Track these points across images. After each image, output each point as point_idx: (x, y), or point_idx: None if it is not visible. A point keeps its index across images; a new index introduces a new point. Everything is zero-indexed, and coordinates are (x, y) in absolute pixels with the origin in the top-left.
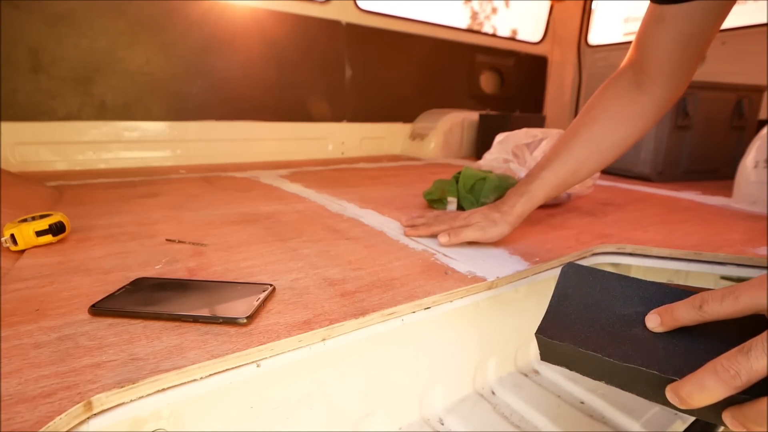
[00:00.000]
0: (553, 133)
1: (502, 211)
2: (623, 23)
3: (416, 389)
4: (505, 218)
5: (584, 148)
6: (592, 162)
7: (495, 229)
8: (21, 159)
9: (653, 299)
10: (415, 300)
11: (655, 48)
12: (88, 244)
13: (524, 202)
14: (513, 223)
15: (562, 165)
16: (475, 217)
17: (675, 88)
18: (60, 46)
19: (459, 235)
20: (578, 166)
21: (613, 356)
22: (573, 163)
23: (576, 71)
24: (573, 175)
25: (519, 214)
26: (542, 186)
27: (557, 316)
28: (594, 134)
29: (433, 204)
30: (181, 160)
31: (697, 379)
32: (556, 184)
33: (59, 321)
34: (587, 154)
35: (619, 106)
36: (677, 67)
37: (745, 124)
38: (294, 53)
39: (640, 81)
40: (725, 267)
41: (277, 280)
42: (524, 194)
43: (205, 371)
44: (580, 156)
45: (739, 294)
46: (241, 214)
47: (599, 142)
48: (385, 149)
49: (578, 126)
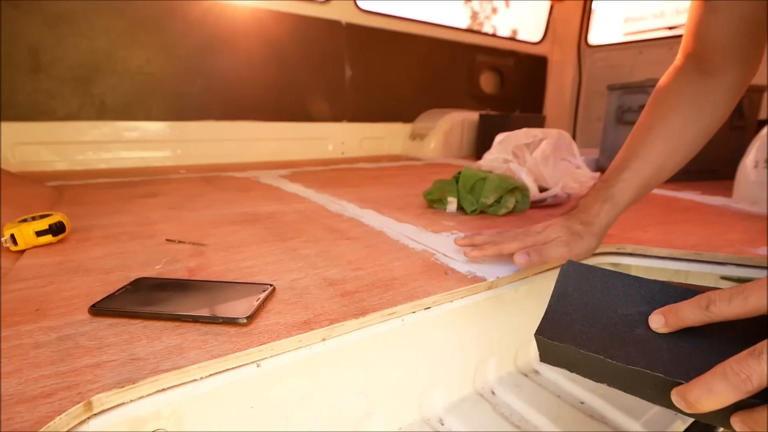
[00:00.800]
0: (553, 133)
1: (585, 221)
2: (623, 23)
3: (416, 389)
4: (591, 230)
5: (667, 141)
6: (678, 156)
7: (582, 243)
8: (21, 159)
9: (656, 298)
10: (415, 300)
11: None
12: (88, 244)
13: (609, 209)
14: (599, 235)
15: (644, 162)
16: (554, 231)
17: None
18: (60, 46)
19: (542, 253)
20: (663, 161)
21: (616, 358)
22: (657, 158)
23: (576, 71)
24: (659, 172)
25: (605, 224)
26: (626, 188)
27: (557, 316)
28: (675, 126)
29: (433, 204)
30: (181, 160)
31: (706, 383)
32: (641, 185)
33: (59, 321)
34: (671, 147)
35: (694, 95)
36: (745, 51)
37: (745, 124)
38: (294, 53)
39: (707, 68)
40: (725, 267)
41: (277, 280)
42: (608, 200)
43: (205, 371)
44: (663, 150)
45: (748, 294)
46: (241, 214)
47: (682, 132)
48: (385, 149)
49: (651, 120)
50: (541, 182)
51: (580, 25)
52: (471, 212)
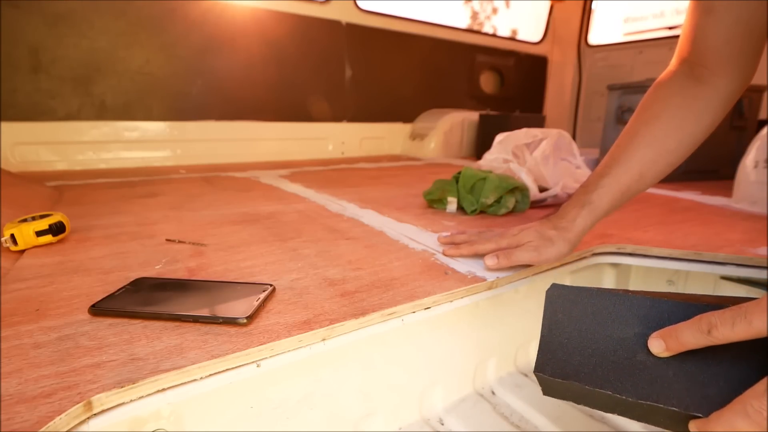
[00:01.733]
0: (553, 133)
1: (560, 227)
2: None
3: (416, 389)
4: (564, 235)
5: (648, 148)
6: (660, 164)
7: (552, 249)
8: (21, 159)
9: (650, 317)
10: (415, 300)
11: (710, 40)
12: (88, 244)
13: (586, 215)
14: (573, 241)
15: (625, 169)
16: (527, 235)
17: (741, 77)
18: (60, 46)
19: (510, 257)
20: (644, 169)
21: (625, 392)
22: (637, 166)
23: (576, 71)
24: (639, 180)
25: (581, 230)
26: (605, 195)
27: (553, 348)
28: (658, 133)
29: (433, 204)
30: (181, 160)
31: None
32: (621, 191)
33: (59, 321)
34: (653, 155)
35: (681, 101)
36: (738, 55)
37: (745, 124)
38: (294, 53)
39: (699, 74)
40: (725, 267)
41: (277, 280)
42: (585, 206)
43: (205, 371)
44: (644, 157)
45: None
46: (241, 214)
47: (664, 141)
48: (385, 149)
49: (636, 126)
50: (541, 182)
51: (580, 25)
52: (471, 212)
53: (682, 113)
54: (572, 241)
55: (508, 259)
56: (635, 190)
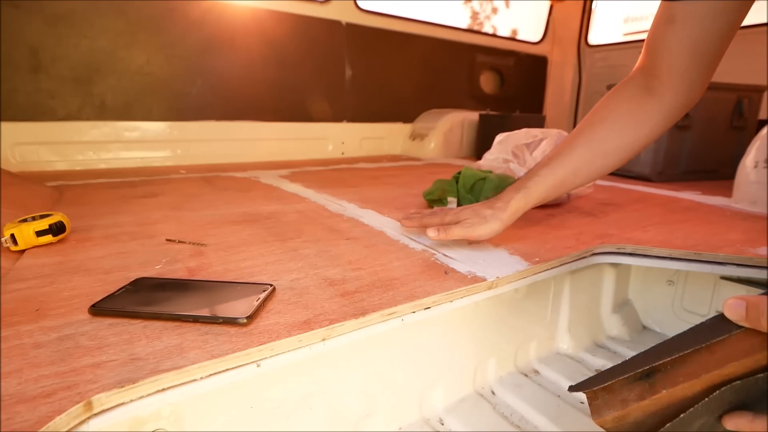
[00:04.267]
0: (553, 133)
1: (496, 207)
2: (623, 23)
3: (416, 389)
4: (498, 215)
5: (586, 148)
6: (594, 164)
7: (485, 226)
8: (21, 159)
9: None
10: (415, 300)
11: (665, 51)
12: (88, 244)
13: (520, 198)
14: (506, 220)
15: (561, 164)
16: (465, 213)
17: (687, 94)
18: (60, 46)
19: (447, 231)
20: (579, 166)
21: None
22: (574, 162)
23: (576, 71)
24: (573, 175)
25: (513, 211)
26: (540, 183)
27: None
28: (598, 135)
29: (433, 204)
30: (181, 160)
31: None
32: (555, 183)
33: (59, 321)
34: (589, 155)
35: (627, 110)
36: (689, 72)
37: (745, 124)
38: (294, 53)
39: (651, 85)
40: (725, 267)
41: (277, 280)
42: (521, 190)
43: (205, 371)
44: (581, 157)
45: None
46: (241, 214)
47: (602, 143)
48: (385, 149)
49: (583, 127)
50: None
51: (580, 25)
52: None
53: (624, 121)
54: (504, 220)
55: (446, 233)
56: (570, 184)
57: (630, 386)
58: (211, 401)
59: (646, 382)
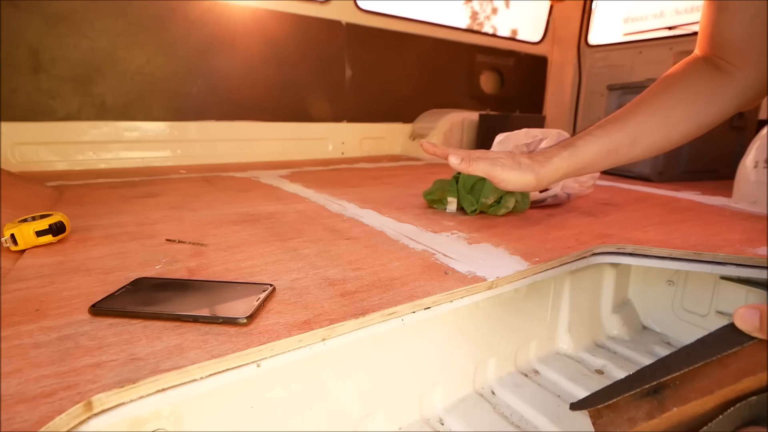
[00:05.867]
0: (553, 133)
1: (536, 159)
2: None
3: (416, 389)
4: (535, 167)
5: (650, 115)
6: (656, 134)
7: (516, 173)
8: (21, 159)
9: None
10: (415, 300)
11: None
12: (88, 244)
13: (566, 156)
14: (543, 176)
15: (620, 128)
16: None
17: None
18: (60, 46)
19: (471, 162)
20: (639, 134)
21: None
22: (634, 128)
23: (576, 71)
24: (630, 144)
25: (554, 168)
26: (592, 144)
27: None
28: (664, 102)
29: (433, 204)
30: (181, 160)
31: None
32: (609, 148)
33: (59, 321)
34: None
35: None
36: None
37: (745, 124)
38: (294, 53)
39: (719, 64)
40: (725, 267)
41: (277, 280)
42: (568, 147)
43: (205, 371)
44: (643, 123)
45: None
46: (241, 214)
47: (669, 111)
48: (385, 149)
49: (645, 94)
50: None
51: (580, 25)
52: (471, 212)
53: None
54: (541, 175)
55: (468, 163)
56: (624, 154)
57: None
58: (211, 401)
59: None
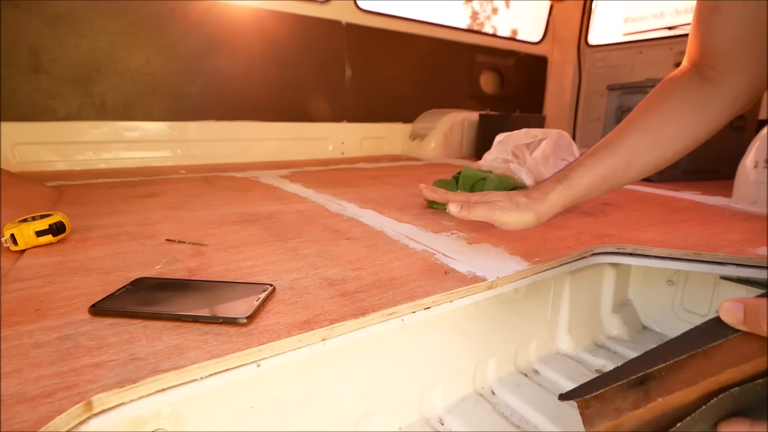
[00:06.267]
0: (553, 134)
1: (532, 197)
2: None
3: (416, 389)
4: (533, 206)
5: (641, 136)
6: (651, 154)
7: (515, 214)
8: (21, 159)
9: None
10: (415, 300)
11: (716, 40)
12: (88, 244)
13: (561, 190)
14: (542, 213)
15: (612, 153)
16: (496, 196)
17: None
18: (60, 46)
19: (471, 209)
20: (633, 156)
21: None
22: (626, 152)
23: (576, 71)
24: (625, 167)
25: (552, 204)
26: (585, 174)
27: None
28: (653, 121)
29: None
30: (181, 160)
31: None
32: (603, 175)
33: (59, 321)
34: (646, 143)
35: (685, 94)
36: (748, 56)
37: (745, 124)
38: (294, 53)
39: (707, 74)
40: (725, 267)
41: (277, 280)
42: (563, 181)
43: (205, 371)
44: (636, 145)
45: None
46: (241, 214)
47: (659, 130)
48: (385, 149)
49: (634, 114)
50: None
51: (580, 25)
52: None
53: (684, 106)
54: (539, 213)
55: (468, 211)
56: (620, 178)
57: (624, 394)
58: (211, 401)
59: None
